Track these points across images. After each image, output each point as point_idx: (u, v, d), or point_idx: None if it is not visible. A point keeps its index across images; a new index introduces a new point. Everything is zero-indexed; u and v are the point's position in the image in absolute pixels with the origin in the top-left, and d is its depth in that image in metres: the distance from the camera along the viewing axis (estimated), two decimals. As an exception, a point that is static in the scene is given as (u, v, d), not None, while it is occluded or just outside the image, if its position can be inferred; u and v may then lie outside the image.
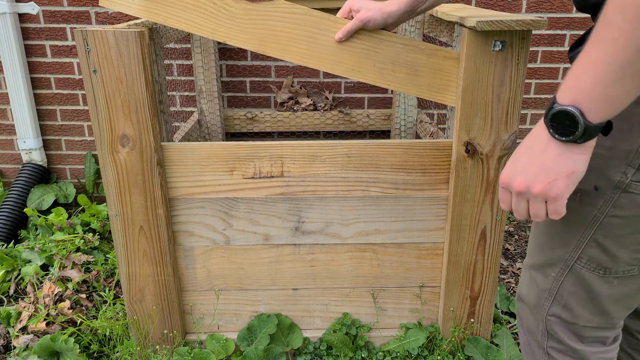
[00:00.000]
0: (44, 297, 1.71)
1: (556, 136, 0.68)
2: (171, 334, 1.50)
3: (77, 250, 2.02)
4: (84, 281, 1.87)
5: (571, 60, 0.85)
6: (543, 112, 2.45)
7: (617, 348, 0.96)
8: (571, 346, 0.94)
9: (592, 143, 0.69)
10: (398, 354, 1.50)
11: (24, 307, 1.68)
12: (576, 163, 0.70)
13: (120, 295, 1.84)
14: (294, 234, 1.44)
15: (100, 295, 1.84)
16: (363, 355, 1.51)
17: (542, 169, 0.71)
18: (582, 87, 0.64)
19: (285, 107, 2.35)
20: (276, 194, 1.38)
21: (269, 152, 1.34)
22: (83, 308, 1.73)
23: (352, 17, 1.22)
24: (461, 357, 1.49)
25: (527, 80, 2.41)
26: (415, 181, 1.38)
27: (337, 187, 1.38)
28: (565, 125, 0.67)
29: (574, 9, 2.29)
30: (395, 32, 1.24)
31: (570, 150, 0.69)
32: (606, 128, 0.69)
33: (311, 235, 1.44)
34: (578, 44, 0.85)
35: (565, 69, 2.39)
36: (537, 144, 0.71)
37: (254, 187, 1.38)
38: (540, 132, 0.71)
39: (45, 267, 1.97)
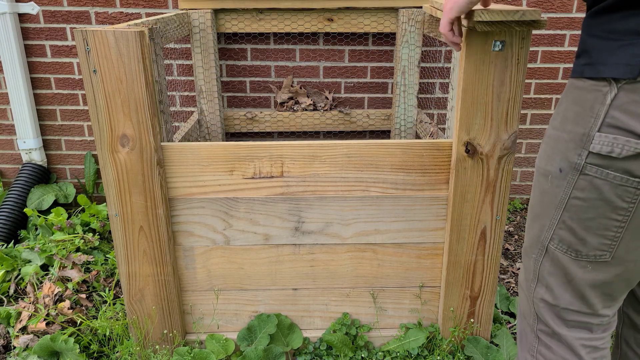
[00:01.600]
0: (44, 297, 1.71)
1: None
2: (171, 334, 1.50)
3: (77, 250, 2.02)
4: (84, 281, 1.87)
5: (584, 27, 0.88)
6: (543, 112, 2.46)
7: (606, 340, 0.97)
8: (555, 330, 0.97)
9: None
10: (398, 354, 1.50)
11: (24, 307, 1.68)
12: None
13: (120, 295, 1.84)
14: (294, 234, 1.44)
15: (100, 295, 1.84)
16: (363, 355, 1.51)
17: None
18: None
19: (285, 107, 2.35)
20: (276, 194, 1.39)
21: (269, 152, 1.34)
22: (83, 308, 1.73)
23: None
24: (461, 357, 1.49)
25: (527, 80, 2.41)
26: (415, 181, 1.38)
27: (337, 187, 1.38)
28: None
29: (574, 9, 2.29)
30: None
31: None
32: None
33: (311, 235, 1.44)
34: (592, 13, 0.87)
35: (565, 69, 2.39)
36: None
37: (254, 187, 1.38)
38: None
39: (45, 267, 1.97)
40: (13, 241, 2.16)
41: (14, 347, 1.61)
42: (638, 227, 0.84)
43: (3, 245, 2.12)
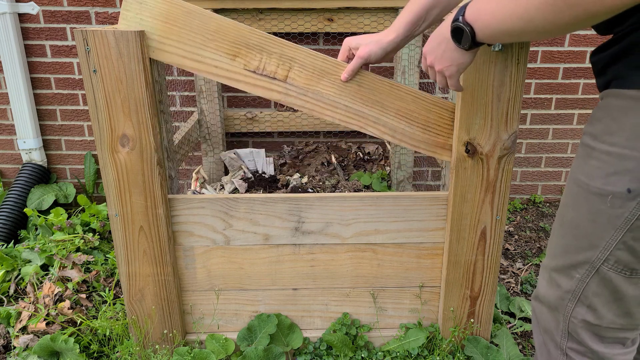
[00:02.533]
0: (44, 297, 1.71)
1: (454, 42, 0.95)
2: (171, 334, 1.50)
3: (77, 250, 2.02)
4: (84, 281, 1.87)
5: (594, 64, 0.88)
6: (543, 112, 2.46)
7: (635, 351, 0.97)
8: (591, 347, 0.95)
9: (476, 50, 0.97)
10: (398, 354, 1.50)
11: (24, 307, 1.68)
12: (464, 57, 0.99)
13: (120, 295, 1.84)
14: (293, 234, 1.44)
15: (100, 295, 1.84)
16: (363, 355, 1.51)
17: (443, 57, 1.01)
18: (483, 19, 0.87)
19: (285, 107, 2.35)
20: (272, 98, 1.30)
21: (281, 49, 1.25)
22: (83, 308, 1.73)
23: (353, 55, 1.25)
24: (461, 357, 1.49)
25: (527, 80, 2.41)
26: (414, 135, 1.33)
27: (335, 113, 1.30)
28: (460, 38, 0.93)
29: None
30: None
31: (462, 51, 0.97)
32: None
33: (311, 235, 1.44)
34: (601, 49, 0.86)
35: (565, 69, 2.39)
36: (445, 37, 0.97)
37: (251, 83, 1.28)
38: (446, 30, 0.96)
39: (45, 267, 1.97)
40: (13, 241, 2.17)
41: (14, 347, 1.61)
42: None
43: (3, 245, 2.13)
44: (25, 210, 2.21)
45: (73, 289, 1.80)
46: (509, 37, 0.85)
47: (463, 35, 0.91)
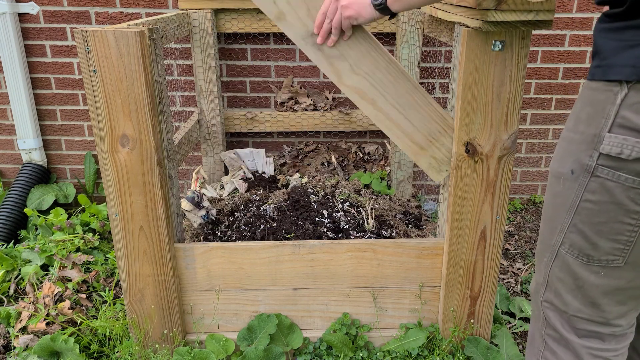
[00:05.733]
0: (44, 297, 1.70)
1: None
2: (171, 334, 1.50)
3: (77, 250, 2.02)
4: (84, 281, 1.86)
5: (596, 28, 0.89)
6: (543, 112, 2.46)
7: (619, 352, 0.95)
8: (564, 336, 0.96)
9: (382, 15, 1.14)
10: (398, 354, 1.50)
11: (24, 307, 1.68)
12: (368, 13, 1.14)
13: (120, 295, 1.84)
14: (294, 234, 1.44)
15: (100, 295, 1.84)
16: (363, 355, 1.51)
17: (354, 2, 1.14)
18: None
19: (285, 107, 2.35)
20: None
21: None
22: (83, 308, 1.73)
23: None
24: (461, 357, 1.49)
25: (527, 80, 2.40)
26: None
27: None
28: None
29: (574, 9, 2.29)
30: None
31: (372, 8, 1.14)
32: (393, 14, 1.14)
33: (311, 235, 1.44)
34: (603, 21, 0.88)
35: (565, 69, 2.39)
36: None
37: None
38: None
39: (45, 267, 1.97)
40: (13, 241, 2.16)
41: (14, 347, 1.61)
42: None
43: (3, 245, 2.12)
44: (25, 210, 2.20)
45: (73, 289, 1.80)
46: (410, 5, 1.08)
47: None
